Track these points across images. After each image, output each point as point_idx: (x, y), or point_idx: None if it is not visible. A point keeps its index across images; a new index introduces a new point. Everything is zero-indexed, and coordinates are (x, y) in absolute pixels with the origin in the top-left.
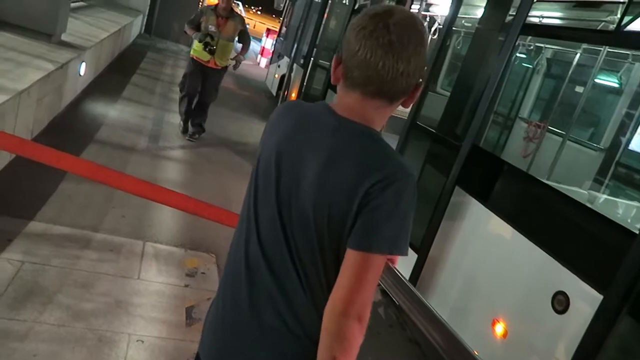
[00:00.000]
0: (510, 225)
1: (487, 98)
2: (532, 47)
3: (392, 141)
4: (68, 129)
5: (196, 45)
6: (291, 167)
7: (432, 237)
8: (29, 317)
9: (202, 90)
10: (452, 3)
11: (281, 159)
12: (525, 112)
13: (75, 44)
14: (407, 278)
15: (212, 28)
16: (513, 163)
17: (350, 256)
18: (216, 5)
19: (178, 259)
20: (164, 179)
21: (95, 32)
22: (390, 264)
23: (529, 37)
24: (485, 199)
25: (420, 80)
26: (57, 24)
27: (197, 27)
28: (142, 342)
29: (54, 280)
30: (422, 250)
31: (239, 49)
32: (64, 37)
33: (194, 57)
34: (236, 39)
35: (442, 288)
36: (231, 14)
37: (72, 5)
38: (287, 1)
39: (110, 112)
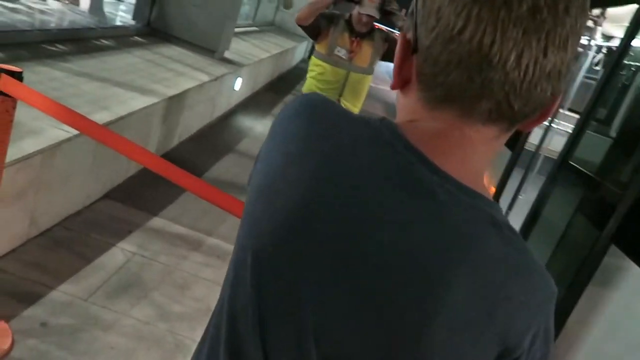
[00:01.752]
0: None
1: None
2: None
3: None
4: (214, 137)
5: (312, 75)
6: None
7: (571, 304)
8: (120, 309)
9: None
10: (627, 30)
11: (309, 243)
12: None
13: (234, 61)
14: None
15: (340, 52)
16: None
17: None
18: (350, 15)
19: None
20: None
21: (257, 53)
22: None
23: None
24: None
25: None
26: (221, 42)
27: (314, 34)
28: None
29: (156, 276)
30: (556, 320)
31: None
32: (226, 54)
33: None
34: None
35: None
36: (370, 30)
37: (244, 29)
38: None
39: (257, 126)
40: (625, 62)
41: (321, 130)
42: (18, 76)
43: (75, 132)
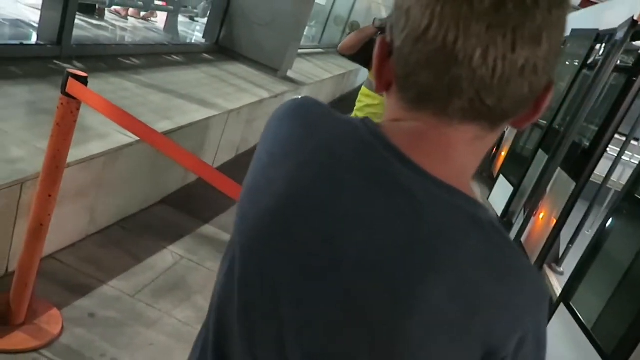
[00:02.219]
0: None
1: None
2: None
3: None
4: None
5: (359, 107)
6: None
7: (632, 345)
8: (163, 308)
9: None
10: None
11: (292, 243)
12: None
13: (296, 80)
14: None
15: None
16: None
17: None
18: None
19: None
20: None
21: (319, 73)
22: None
23: None
24: None
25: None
26: (284, 61)
27: (364, 61)
28: None
29: (200, 280)
30: (616, 358)
31: None
32: (289, 74)
33: None
34: None
35: None
36: None
37: (309, 50)
38: None
39: None
40: None
41: (304, 131)
42: (83, 80)
43: (137, 138)
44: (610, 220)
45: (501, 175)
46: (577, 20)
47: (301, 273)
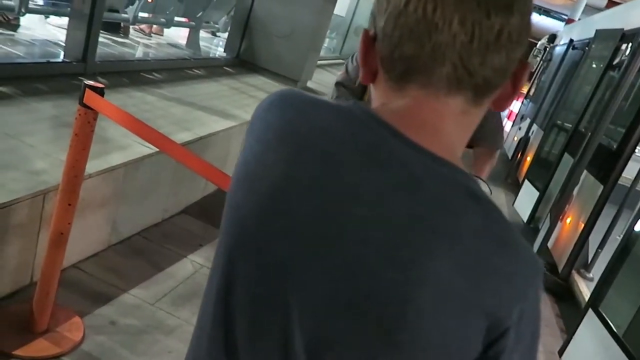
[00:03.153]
0: None
1: None
2: None
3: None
4: None
5: None
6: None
7: None
8: (182, 316)
9: None
10: None
11: (292, 231)
12: None
13: (316, 90)
14: None
15: None
16: None
17: None
18: None
19: None
20: None
21: None
22: None
23: None
24: None
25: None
26: (303, 72)
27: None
28: None
29: None
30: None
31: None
32: (308, 84)
33: None
34: None
35: None
36: None
37: (330, 61)
38: (540, 61)
39: None
40: None
41: (295, 117)
42: (100, 91)
43: (157, 149)
44: (639, 223)
45: (526, 181)
46: (602, 21)
47: (305, 254)
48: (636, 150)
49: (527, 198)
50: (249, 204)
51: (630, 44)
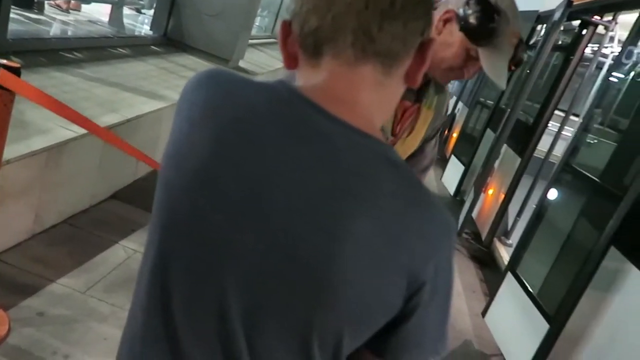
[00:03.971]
0: None
1: None
2: None
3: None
4: None
5: None
6: (246, 225)
7: (571, 306)
8: (117, 302)
9: None
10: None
11: (223, 204)
12: None
13: (248, 70)
14: (534, 353)
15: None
16: None
17: None
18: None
19: None
20: None
21: (271, 63)
22: None
23: None
24: None
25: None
26: (235, 51)
27: None
28: None
29: None
30: (557, 322)
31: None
32: (240, 64)
33: None
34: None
35: None
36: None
37: (262, 40)
38: None
39: None
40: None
41: (221, 94)
42: (16, 71)
43: (82, 132)
44: (550, 191)
45: (453, 156)
46: (520, 2)
47: (235, 227)
48: (549, 125)
49: (453, 172)
50: (179, 182)
51: (544, 25)
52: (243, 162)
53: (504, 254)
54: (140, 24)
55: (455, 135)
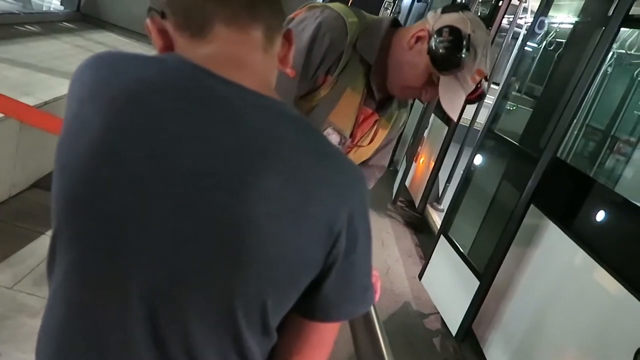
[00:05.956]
0: (597, 262)
1: (573, 104)
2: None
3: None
4: None
5: None
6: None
7: (498, 263)
8: (47, 295)
9: None
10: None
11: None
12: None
13: None
14: (467, 308)
15: (332, 135)
16: (608, 184)
17: (309, 328)
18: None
19: None
20: None
21: None
22: None
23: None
24: (566, 225)
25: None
26: None
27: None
28: None
29: None
30: (485, 278)
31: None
32: None
33: None
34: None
35: (505, 325)
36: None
37: None
38: (390, 14)
39: None
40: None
41: (110, 72)
42: None
43: None
44: (475, 157)
45: None
46: None
47: (141, 199)
48: None
49: None
50: (75, 161)
51: None
52: (140, 132)
53: (437, 219)
54: None
55: None
